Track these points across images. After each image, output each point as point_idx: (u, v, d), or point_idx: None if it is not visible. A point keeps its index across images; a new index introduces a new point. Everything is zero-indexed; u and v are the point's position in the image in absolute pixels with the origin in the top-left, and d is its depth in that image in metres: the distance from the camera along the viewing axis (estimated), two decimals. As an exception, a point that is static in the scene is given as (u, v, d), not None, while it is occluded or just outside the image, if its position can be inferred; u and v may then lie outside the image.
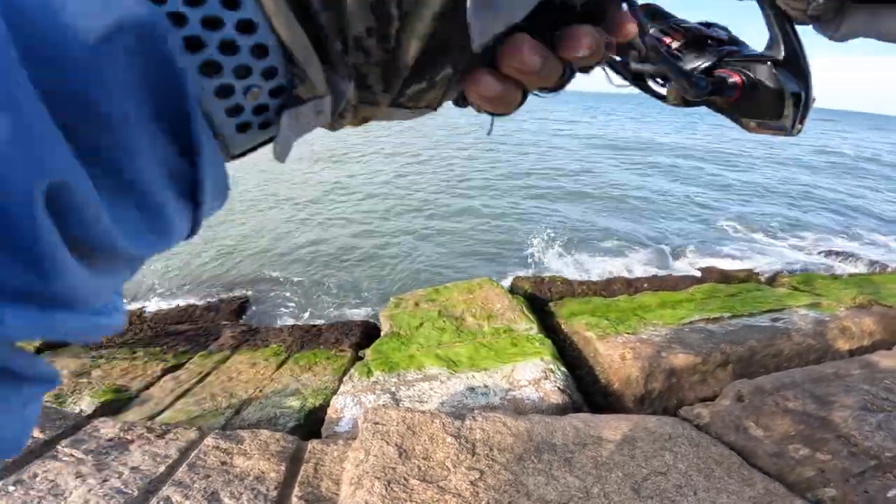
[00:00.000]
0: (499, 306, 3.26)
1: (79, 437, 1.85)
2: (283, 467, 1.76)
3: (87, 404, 2.57)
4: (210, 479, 1.66)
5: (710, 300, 3.35)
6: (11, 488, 1.55)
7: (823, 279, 4.21)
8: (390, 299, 3.61)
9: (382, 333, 3.13)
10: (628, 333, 2.76)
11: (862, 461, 1.67)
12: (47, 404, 2.32)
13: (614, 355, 2.55)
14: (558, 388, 2.30)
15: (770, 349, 2.66)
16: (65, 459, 1.71)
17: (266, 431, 1.97)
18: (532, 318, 3.13)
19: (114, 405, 2.62)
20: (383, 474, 1.54)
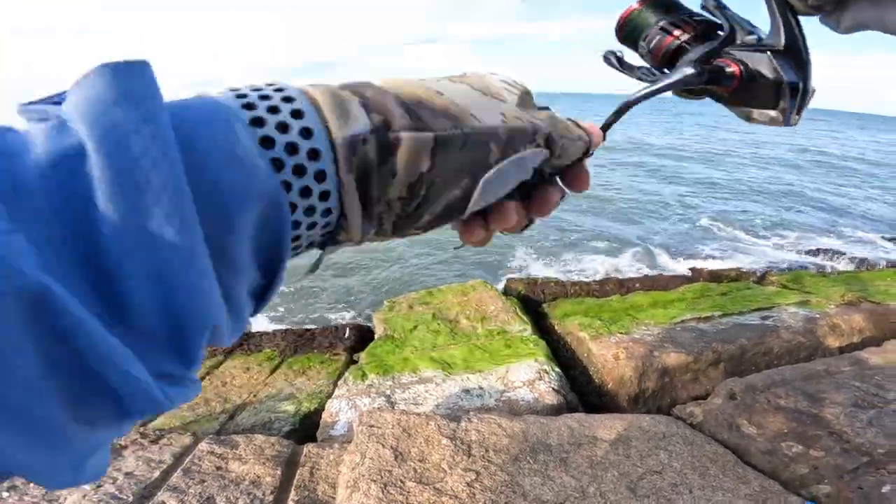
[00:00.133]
0: (492, 308, 3.26)
1: (71, 444, 1.82)
2: (278, 471, 1.76)
3: (78, 411, 2.53)
4: (205, 483, 1.65)
5: (700, 299, 3.37)
6: (6, 494, 1.54)
7: (812, 277, 4.25)
8: (384, 303, 3.59)
9: (376, 337, 3.13)
10: (621, 333, 2.78)
11: (855, 458, 1.69)
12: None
13: (608, 355, 2.56)
14: (553, 388, 2.31)
15: (760, 347, 2.68)
16: (57, 467, 1.69)
17: (261, 436, 1.97)
18: (526, 319, 3.14)
19: (105, 412, 2.59)
20: (379, 477, 1.54)
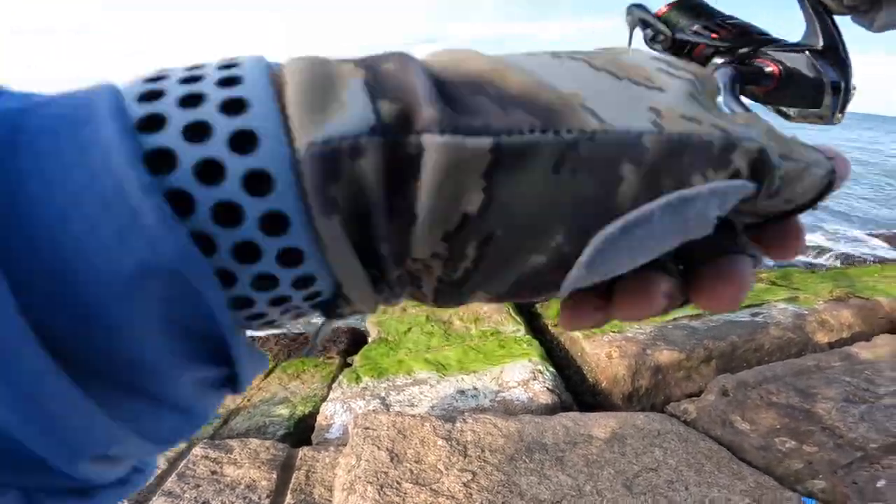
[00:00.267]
0: (486, 309, 3.27)
1: (63, 451, 1.81)
2: (274, 475, 1.75)
3: (69, 419, 2.52)
4: (200, 488, 1.64)
5: (692, 298, 3.39)
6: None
7: (800, 273, 4.29)
8: (376, 304, 3.59)
9: (370, 339, 3.12)
10: (614, 332, 2.79)
11: (848, 453, 1.71)
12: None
13: (601, 354, 2.57)
14: (547, 388, 2.31)
15: (751, 344, 2.71)
16: (49, 475, 1.67)
17: (256, 440, 1.96)
18: (519, 319, 3.15)
19: (97, 419, 2.57)
20: (375, 479, 1.54)
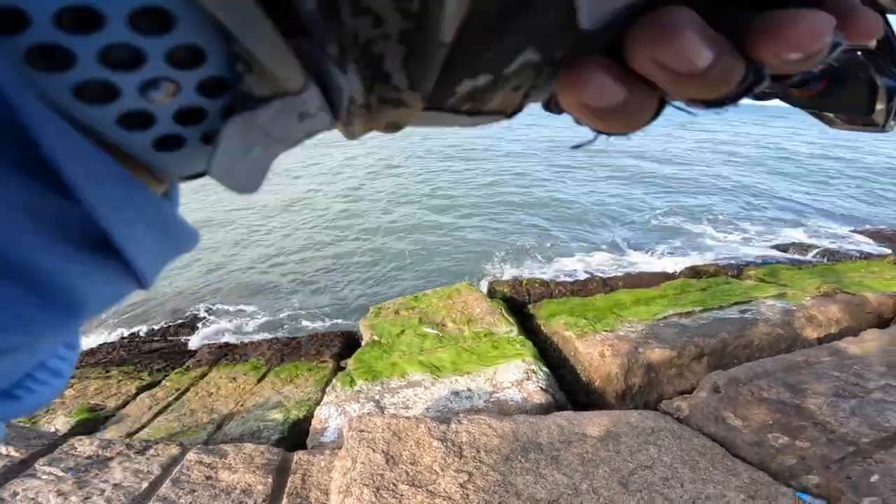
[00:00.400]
0: (478, 310, 3.28)
1: (56, 455, 1.80)
2: (269, 479, 1.74)
3: (61, 424, 2.49)
4: (196, 493, 1.63)
5: (681, 295, 3.43)
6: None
7: (788, 270, 4.35)
8: (370, 309, 3.59)
9: (363, 343, 3.12)
10: (606, 331, 2.81)
11: (840, 447, 1.73)
12: (21, 424, 2.25)
13: (594, 353, 2.59)
14: (541, 387, 2.33)
15: (741, 340, 2.74)
16: (44, 478, 1.66)
17: (250, 444, 1.95)
18: (512, 320, 3.16)
19: (89, 424, 2.55)
20: (371, 481, 1.54)
